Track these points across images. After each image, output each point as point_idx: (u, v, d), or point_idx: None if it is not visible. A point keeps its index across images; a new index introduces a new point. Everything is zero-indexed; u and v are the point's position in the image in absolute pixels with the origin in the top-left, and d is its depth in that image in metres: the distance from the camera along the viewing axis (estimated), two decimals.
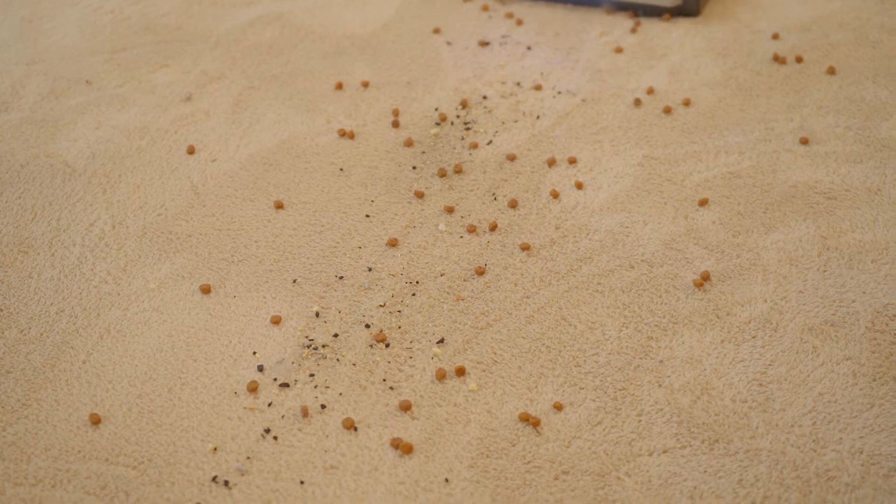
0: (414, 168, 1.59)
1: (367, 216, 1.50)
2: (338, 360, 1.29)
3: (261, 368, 1.28)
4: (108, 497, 1.13)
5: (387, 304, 1.37)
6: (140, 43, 1.90)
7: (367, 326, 1.33)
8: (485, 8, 1.99)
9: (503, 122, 1.68)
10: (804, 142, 1.63)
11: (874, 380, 1.26)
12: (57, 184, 1.56)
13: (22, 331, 1.33)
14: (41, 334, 1.32)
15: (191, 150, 1.63)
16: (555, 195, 1.54)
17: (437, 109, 1.71)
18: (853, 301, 1.36)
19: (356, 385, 1.26)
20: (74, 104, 1.73)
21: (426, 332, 1.33)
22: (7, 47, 1.88)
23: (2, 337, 1.32)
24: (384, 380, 1.27)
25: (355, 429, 1.21)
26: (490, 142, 1.64)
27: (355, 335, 1.32)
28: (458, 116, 1.70)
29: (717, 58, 1.85)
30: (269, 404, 1.23)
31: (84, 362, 1.29)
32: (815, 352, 1.29)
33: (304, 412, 1.22)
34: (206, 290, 1.38)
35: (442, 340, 1.32)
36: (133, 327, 1.33)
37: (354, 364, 1.29)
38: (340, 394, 1.25)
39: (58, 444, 1.19)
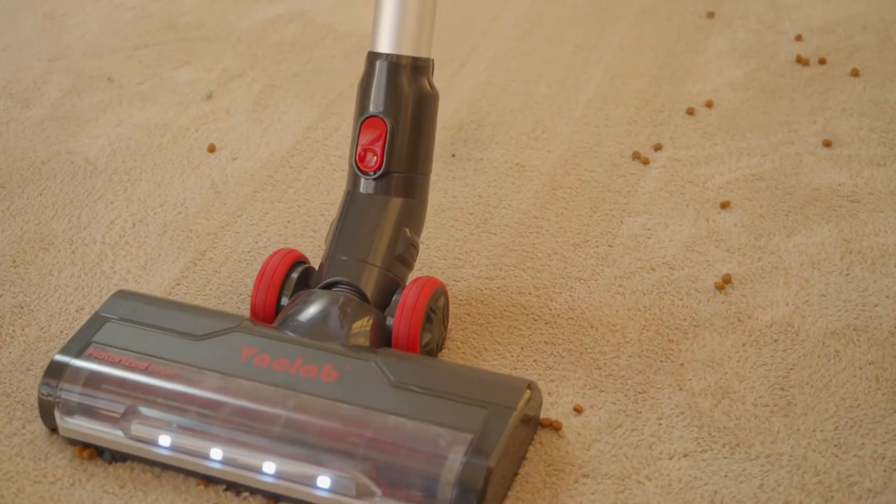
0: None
1: None
2: None
3: None
4: (126, 496, 1.12)
5: None
6: (162, 40, 1.90)
7: None
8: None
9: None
10: (827, 144, 1.63)
11: None
12: (78, 181, 1.56)
13: (42, 328, 1.33)
14: (61, 332, 1.32)
15: (211, 149, 1.63)
16: None
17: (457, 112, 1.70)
18: (876, 305, 1.35)
19: None
20: (96, 101, 1.74)
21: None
22: (29, 43, 1.88)
23: (22, 334, 1.32)
24: None
25: None
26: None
27: None
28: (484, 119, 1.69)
29: (740, 59, 1.84)
30: None
31: None
32: (837, 356, 1.29)
33: None
34: None
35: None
36: None
37: None
38: None
39: None
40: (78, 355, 1.17)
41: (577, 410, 1.22)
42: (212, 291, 1.38)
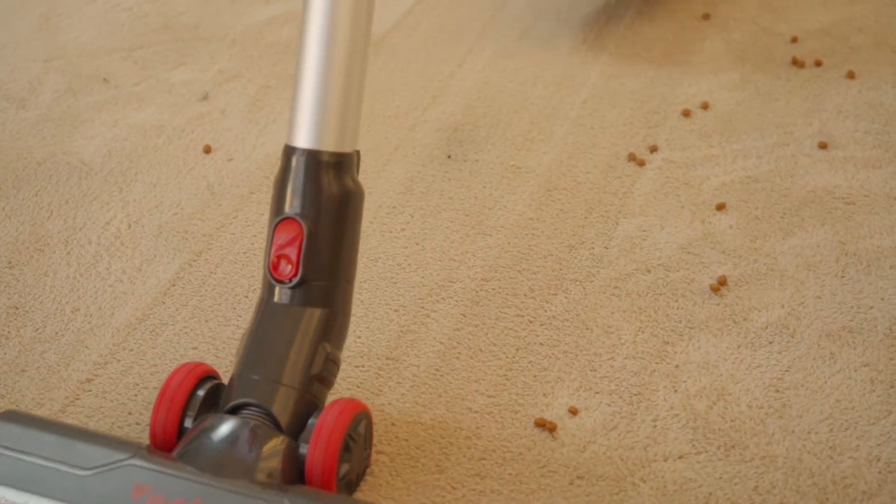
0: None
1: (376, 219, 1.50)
2: (356, 368, 1.29)
3: None
4: None
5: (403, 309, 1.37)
6: (157, 41, 1.90)
7: None
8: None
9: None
10: (823, 146, 1.63)
11: (892, 387, 1.25)
12: (73, 182, 1.56)
13: (37, 329, 1.33)
14: (56, 333, 1.32)
15: (207, 150, 1.63)
16: None
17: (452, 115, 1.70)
18: (871, 307, 1.35)
19: (370, 393, 1.26)
20: (92, 102, 1.74)
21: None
22: (25, 44, 1.88)
23: (17, 335, 1.32)
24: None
25: None
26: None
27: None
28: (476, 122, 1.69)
29: (736, 61, 1.84)
30: None
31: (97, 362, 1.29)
32: (832, 358, 1.29)
33: None
34: None
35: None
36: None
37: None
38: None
39: None
40: None
41: (573, 412, 1.22)
42: (207, 293, 1.38)
